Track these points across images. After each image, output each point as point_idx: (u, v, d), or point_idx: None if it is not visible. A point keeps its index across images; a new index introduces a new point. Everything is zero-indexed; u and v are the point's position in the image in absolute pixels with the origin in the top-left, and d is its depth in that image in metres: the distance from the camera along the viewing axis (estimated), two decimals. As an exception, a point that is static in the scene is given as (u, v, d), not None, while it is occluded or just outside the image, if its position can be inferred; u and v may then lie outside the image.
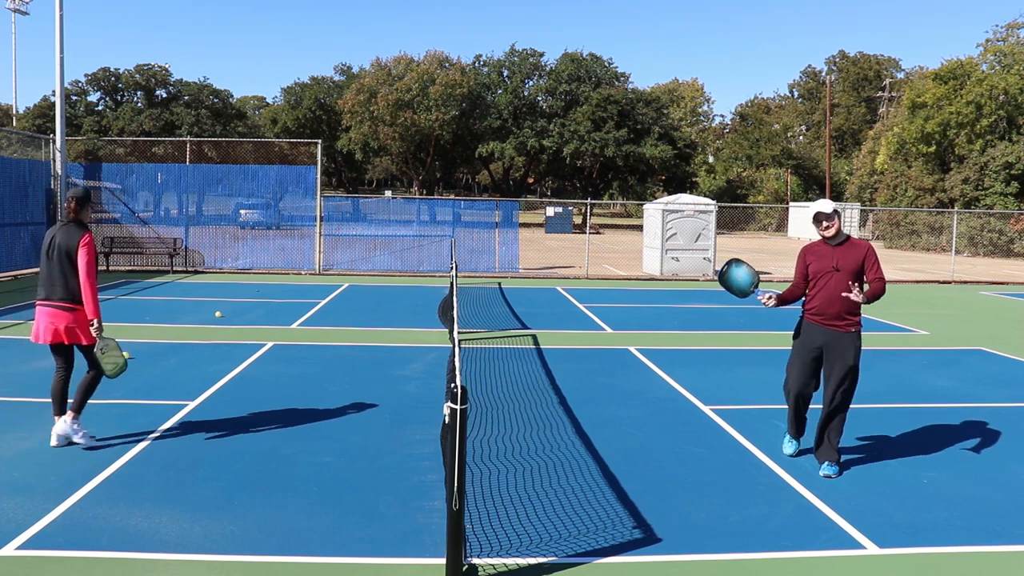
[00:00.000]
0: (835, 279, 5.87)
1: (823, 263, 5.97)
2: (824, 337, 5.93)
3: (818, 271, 5.99)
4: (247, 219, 24.30)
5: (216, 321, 12.43)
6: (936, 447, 6.70)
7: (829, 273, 5.91)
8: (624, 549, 4.63)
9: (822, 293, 5.93)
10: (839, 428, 5.99)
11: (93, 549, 4.46)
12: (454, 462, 4.03)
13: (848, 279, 5.86)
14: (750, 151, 74.64)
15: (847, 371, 5.87)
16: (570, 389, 8.42)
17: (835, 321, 5.90)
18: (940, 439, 6.94)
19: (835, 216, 5.98)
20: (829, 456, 5.98)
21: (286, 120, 65.46)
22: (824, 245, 6.06)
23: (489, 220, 23.80)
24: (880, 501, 5.43)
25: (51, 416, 6.38)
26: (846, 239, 6.01)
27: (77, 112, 58.85)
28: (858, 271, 5.93)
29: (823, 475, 5.87)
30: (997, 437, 7.01)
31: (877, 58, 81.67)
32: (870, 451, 6.55)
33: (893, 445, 6.73)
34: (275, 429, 6.79)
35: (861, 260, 5.92)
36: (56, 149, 20.15)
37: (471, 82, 57.31)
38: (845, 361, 5.86)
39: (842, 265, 5.89)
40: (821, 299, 5.93)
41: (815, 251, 6.11)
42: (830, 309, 5.89)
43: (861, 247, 5.98)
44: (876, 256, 5.96)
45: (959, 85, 38.77)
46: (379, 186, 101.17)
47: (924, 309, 16.04)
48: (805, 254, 6.17)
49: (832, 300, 5.88)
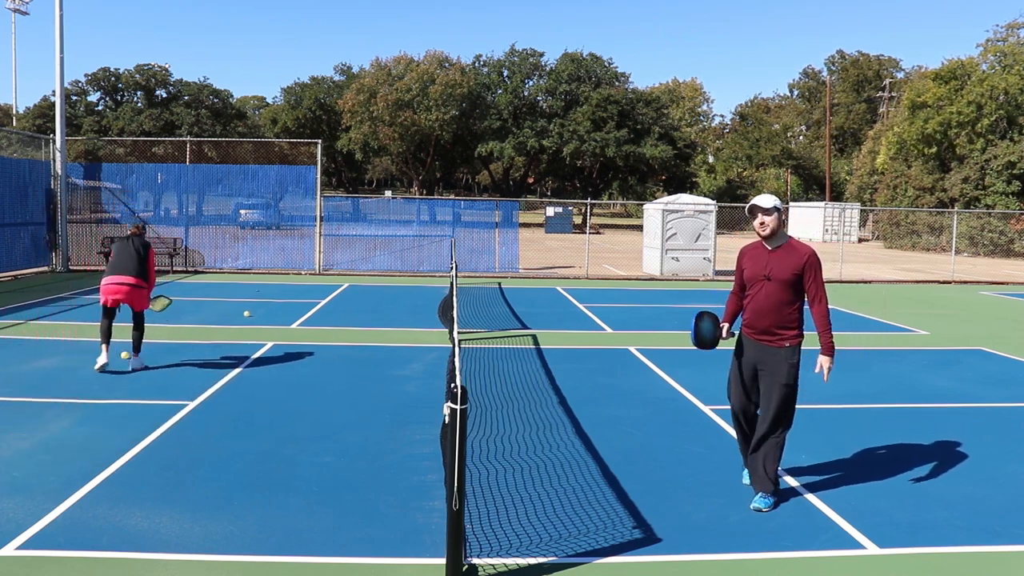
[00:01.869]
0: (766, 289, 5.15)
1: (756, 268, 5.22)
2: (757, 353, 5.26)
3: (751, 278, 5.26)
4: (247, 219, 24.30)
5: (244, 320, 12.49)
6: (936, 447, 6.70)
7: (760, 281, 5.17)
8: (624, 549, 4.63)
9: (752, 304, 5.24)
10: (776, 455, 5.23)
11: (93, 549, 4.46)
12: (454, 462, 4.03)
13: (781, 291, 5.11)
14: (750, 151, 74.66)
15: (780, 391, 5.17)
16: (570, 389, 8.42)
17: (765, 336, 5.20)
18: (940, 439, 6.94)
19: (774, 212, 5.14)
20: (763, 486, 5.23)
21: (286, 120, 65.49)
22: (761, 247, 5.29)
23: (489, 220, 23.81)
24: (880, 501, 5.43)
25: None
26: (785, 242, 5.22)
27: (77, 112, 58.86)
28: (794, 283, 5.11)
29: (753, 508, 5.16)
30: (997, 437, 7.01)
31: (877, 58, 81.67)
32: (870, 451, 6.55)
33: (893, 445, 6.73)
34: (275, 429, 6.79)
35: (799, 269, 5.10)
36: (56, 149, 20.15)
37: (471, 82, 57.33)
38: (777, 380, 5.16)
39: (775, 273, 5.11)
40: (751, 311, 5.24)
41: (751, 254, 5.33)
42: (760, 322, 5.20)
43: (801, 253, 5.15)
44: (819, 267, 5.16)
45: (959, 85, 38.77)
46: (379, 186, 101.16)
47: (924, 309, 16.04)
48: (741, 258, 5.39)
49: (762, 312, 5.17)
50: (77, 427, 6.70)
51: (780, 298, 5.12)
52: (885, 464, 6.23)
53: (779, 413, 5.19)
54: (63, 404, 7.38)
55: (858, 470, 6.07)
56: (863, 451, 6.55)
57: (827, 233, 46.01)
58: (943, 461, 6.33)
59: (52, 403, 7.41)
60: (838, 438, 6.88)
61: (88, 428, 6.68)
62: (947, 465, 6.23)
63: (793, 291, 5.13)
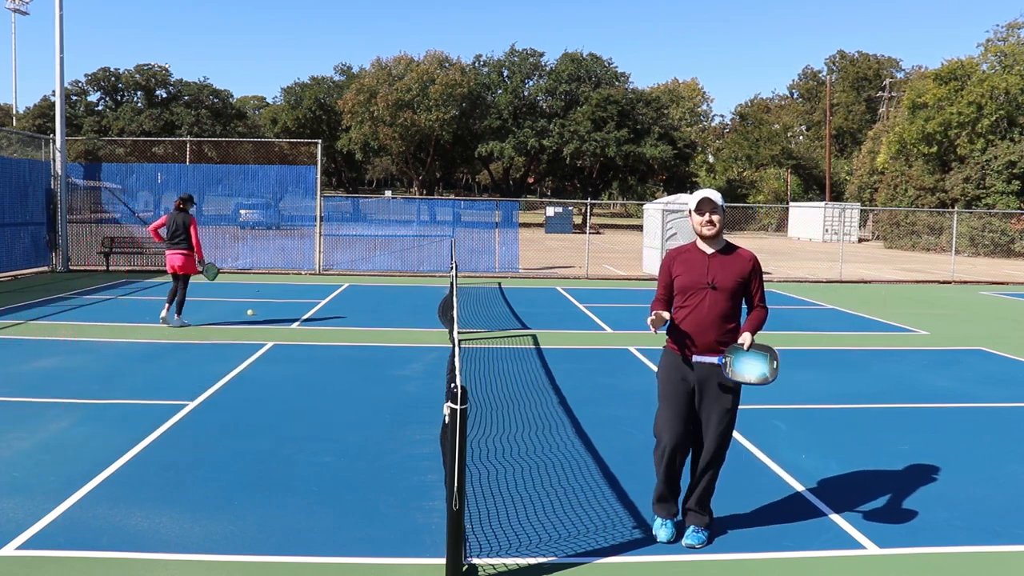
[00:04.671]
0: (710, 299, 4.55)
1: (695, 275, 4.60)
2: (698, 373, 4.60)
3: (688, 286, 4.61)
4: (247, 219, 24.30)
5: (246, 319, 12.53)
6: (936, 447, 6.70)
7: (703, 290, 4.57)
8: (624, 549, 4.63)
9: (693, 317, 4.58)
10: (712, 486, 4.75)
11: (93, 549, 4.46)
12: (454, 462, 4.03)
13: (727, 300, 4.56)
14: (750, 151, 74.69)
15: (726, 416, 4.60)
16: (570, 389, 8.42)
17: (709, 354, 4.55)
18: (940, 439, 6.94)
19: (723, 211, 4.62)
20: (699, 520, 4.73)
21: (286, 120, 65.53)
22: (697, 252, 4.69)
23: (489, 220, 23.81)
24: (880, 501, 5.43)
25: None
26: (725, 244, 4.70)
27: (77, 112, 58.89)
28: (739, 290, 4.61)
29: (686, 544, 4.65)
30: (997, 437, 7.01)
31: (877, 58, 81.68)
32: (870, 451, 6.55)
33: (893, 445, 6.72)
34: (275, 429, 6.79)
35: (746, 275, 4.62)
36: (56, 149, 20.15)
37: (471, 82, 57.34)
38: (723, 404, 4.58)
39: (721, 280, 4.56)
40: (692, 324, 4.57)
41: (685, 259, 4.70)
42: (703, 337, 4.55)
43: (746, 258, 4.67)
44: (762, 272, 4.76)
45: (960, 86, 38.77)
46: (379, 186, 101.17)
47: (924, 309, 16.04)
48: (671, 262, 4.75)
49: (705, 326, 4.54)
50: (77, 427, 6.70)
51: (725, 308, 4.56)
52: (885, 464, 6.23)
53: (725, 439, 4.64)
54: (63, 404, 7.38)
55: (858, 470, 6.07)
56: (863, 451, 6.54)
57: (827, 233, 46.01)
58: (943, 461, 6.33)
59: (52, 403, 7.41)
60: (838, 438, 6.88)
61: (88, 428, 6.68)
62: (947, 465, 6.23)
63: (738, 299, 4.63)
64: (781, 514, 5.18)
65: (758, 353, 4.48)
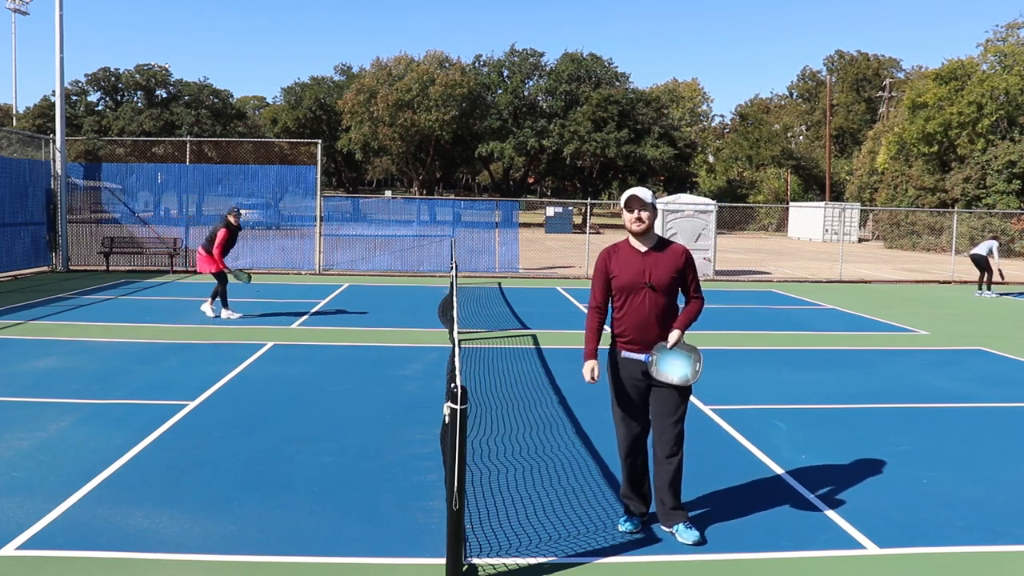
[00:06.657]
0: (649, 298, 4.58)
1: (632, 275, 4.61)
2: (635, 368, 4.69)
3: (627, 286, 4.62)
4: (247, 219, 24.27)
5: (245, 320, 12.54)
6: (936, 447, 6.70)
7: (642, 290, 4.59)
8: (624, 549, 4.63)
9: (632, 316, 4.62)
10: (679, 479, 4.74)
11: (93, 549, 4.46)
12: (454, 462, 4.03)
13: (664, 296, 4.59)
14: (750, 151, 74.67)
15: (678, 401, 4.65)
16: (570, 389, 8.42)
17: (643, 351, 4.65)
18: (940, 439, 6.94)
19: (652, 209, 4.62)
20: (680, 517, 4.74)
21: (286, 120, 65.52)
22: (630, 249, 4.70)
23: (489, 220, 23.82)
24: (880, 501, 5.43)
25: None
26: (656, 241, 4.69)
27: (77, 112, 58.85)
28: (675, 285, 4.63)
29: (682, 541, 4.67)
30: (997, 437, 7.01)
31: (877, 58, 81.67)
32: (870, 451, 6.55)
33: (893, 445, 6.72)
34: (275, 429, 6.79)
35: (680, 269, 4.63)
36: (56, 149, 20.16)
37: (471, 82, 57.33)
38: (674, 396, 4.64)
39: (657, 278, 4.57)
40: (632, 324, 4.62)
41: (620, 258, 4.70)
42: (646, 335, 4.60)
43: (678, 253, 4.67)
44: (695, 264, 4.75)
45: (960, 86, 38.78)
46: (379, 186, 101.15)
47: (924, 309, 16.04)
48: (607, 261, 4.74)
49: (647, 324, 4.59)
50: (77, 427, 6.70)
51: (664, 304, 4.60)
52: (885, 464, 6.23)
53: (681, 425, 4.67)
54: (63, 404, 7.38)
55: (858, 470, 6.07)
56: (863, 451, 6.54)
57: (827, 233, 46.00)
58: (943, 461, 6.32)
59: (52, 403, 7.41)
60: (838, 438, 6.88)
61: (88, 428, 6.68)
62: (947, 465, 6.23)
63: (674, 293, 4.66)
64: (781, 514, 5.18)
65: (683, 353, 4.57)
